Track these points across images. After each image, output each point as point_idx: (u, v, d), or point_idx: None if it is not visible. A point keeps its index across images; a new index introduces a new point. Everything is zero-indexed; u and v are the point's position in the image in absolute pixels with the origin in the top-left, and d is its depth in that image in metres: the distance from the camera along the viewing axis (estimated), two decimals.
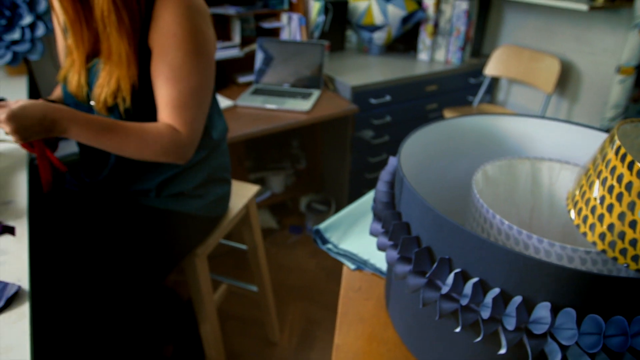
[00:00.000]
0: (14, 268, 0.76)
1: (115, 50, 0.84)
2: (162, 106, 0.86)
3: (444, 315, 0.67)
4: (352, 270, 1.03)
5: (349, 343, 0.84)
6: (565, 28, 1.89)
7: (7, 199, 0.95)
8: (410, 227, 0.75)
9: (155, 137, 0.84)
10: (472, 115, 0.97)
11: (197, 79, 0.86)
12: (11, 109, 0.73)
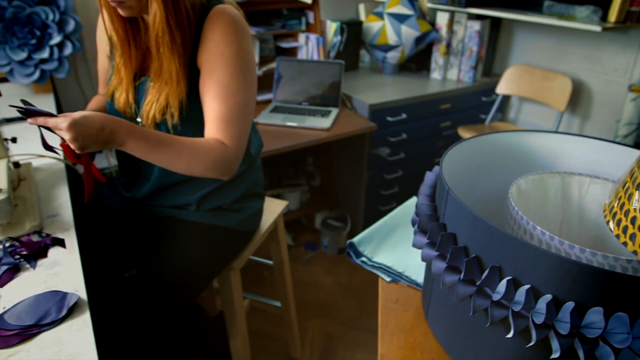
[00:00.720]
0: (69, 278, 0.80)
1: (166, 68, 0.89)
2: (210, 121, 0.91)
3: (495, 322, 0.71)
4: (388, 282, 1.06)
5: (393, 352, 0.87)
6: (575, 48, 1.96)
7: (53, 213, 0.99)
8: (456, 237, 0.78)
9: (206, 151, 0.88)
10: (503, 132, 1.02)
11: (244, 96, 0.91)
12: (73, 118, 0.77)
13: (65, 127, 0.76)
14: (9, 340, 0.67)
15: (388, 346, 0.88)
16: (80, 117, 0.78)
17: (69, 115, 0.78)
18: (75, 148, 0.79)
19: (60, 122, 0.77)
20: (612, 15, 1.62)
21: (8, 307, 0.73)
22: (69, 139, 0.77)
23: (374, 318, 1.86)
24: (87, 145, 0.79)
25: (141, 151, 0.84)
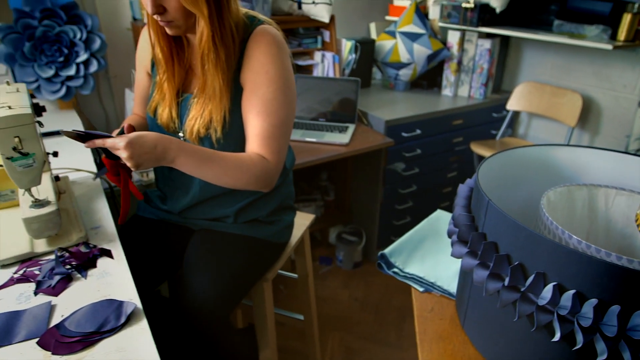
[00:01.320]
0: (121, 287, 0.82)
1: (211, 84, 0.93)
2: (252, 137, 0.95)
3: (541, 327, 0.74)
4: (421, 292, 1.09)
5: (435, 359, 0.89)
6: (584, 65, 2.03)
7: (95, 225, 1.02)
8: (498, 246, 0.81)
9: (250, 166, 0.92)
10: (529, 146, 1.06)
11: (285, 112, 0.96)
12: (129, 137, 0.81)
13: (122, 146, 0.80)
14: (73, 347, 0.69)
15: (428, 353, 0.91)
16: (135, 136, 0.82)
17: (125, 136, 0.82)
18: (130, 166, 0.83)
19: (117, 142, 0.81)
20: (621, 34, 1.69)
21: (66, 315, 0.75)
22: (125, 157, 0.81)
23: (392, 332, 1.87)
24: (141, 163, 0.83)
25: (190, 167, 0.87)
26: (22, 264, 0.88)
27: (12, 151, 0.82)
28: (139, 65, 1.12)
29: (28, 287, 0.82)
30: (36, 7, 1.59)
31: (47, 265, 0.86)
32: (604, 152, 1.03)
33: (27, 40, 1.60)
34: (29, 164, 0.84)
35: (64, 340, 0.70)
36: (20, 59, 1.62)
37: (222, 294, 0.99)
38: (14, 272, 0.86)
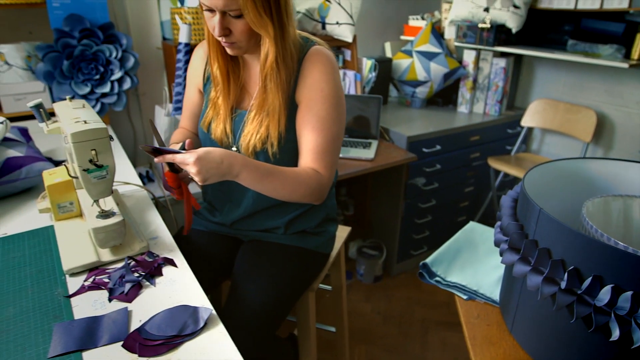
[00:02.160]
0: (190, 294, 0.86)
1: (271, 102, 0.99)
2: (306, 151, 1.00)
3: (598, 328, 0.78)
4: (465, 300, 1.13)
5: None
6: (596, 83, 2.11)
7: (153, 236, 1.06)
8: (551, 252, 0.86)
9: (306, 179, 0.97)
10: (566, 159, 1.12)
11: (337, 128, 1.01)
12: (197, 153, 0.86)
13: (191, 161, 0.85)
14: (158, 349, 0.73)
15: (480, 357, 0.94)
16: (203, 152, 0.86)
17: (194, 152, 0.86)
18: (198, 180, 0.87)
19: (187, 157, 0.85)
20: (635, 53, 1.78)
21: (143, 320, 0.79)
22: (194, 172, 0.85)
23: (416, 344, 1.90)
24: (208, 177, 0.87)
25: (252, 181, 0.92)
26: (90, 273, 0.92)
27: (88, 163, 0.86)
28: (191, 82, 1.18)
29: (100, 294, 0.85)
30: (75, 27, 1.65)
31: (116, 273, 0.90)
32: (636, 165, 1.09)
33: (65, 58, 1.66)
34: (102, 176, 0.88)
35: (148, 344, 0.74)
36: (59, 76, 1.67)
37: (276, 302, 1.03)
38: (84, 280, 0.89)
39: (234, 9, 0.89)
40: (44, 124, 1.05)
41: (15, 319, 0.79)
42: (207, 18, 0.94)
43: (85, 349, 0.72)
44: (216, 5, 0.89)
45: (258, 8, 0.88)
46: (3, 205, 1.18)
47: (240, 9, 0.88)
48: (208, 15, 0.93)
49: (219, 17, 0.91)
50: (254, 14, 0.88)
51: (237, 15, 0.90)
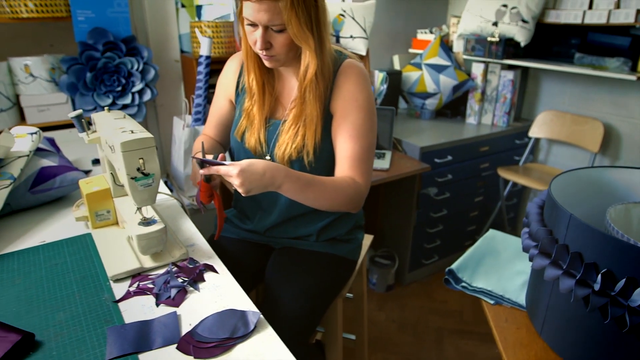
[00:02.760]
0: (235, 298, 0.89)
1: (309, 113, 1.03)
2: (343, 159, 1.04)
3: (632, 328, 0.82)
4: (492, 305, 1.16)
5: None
6: (602, 95, 2.18)
7: (190, 243, 1.09)
8: (582, 256, 0.90)
9: (345, 188, 1.00)
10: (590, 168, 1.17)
11: (372, 137, 1.05)
12: (241, 166, 0.89)
13: (235, 174, 0.88)
14: (212, 351, 0.75)
15: (514, 358, 0.97)
16: (246, 164, 0.89)
17: (237, 164, 0.89)
18: (242, 192, 0.90)
19: (230, 170, 0.88)
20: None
21: (193, 323, 0.81)
22: (237, 184, 0.88)
23: (432, 352, 1.92)
24: (251, 189, 0.90)
25: (294, 192, 0.95)
26: (133, 279, 0.94)
27: (136, 171, 0.89)
28: (222, 92, 1.21)
29: (147, 300, 0.88)
30: (99, 40, 1.69)
31: (160, 279, 0.92)
32: None
33: (89, 70, 1.69)
34: (148, 184, 0.91)
35: (202, 346, 0.76)
36: (82, 88, 1.71)
37: (310, 309, 1.05)
38: (129, 286, 0.92)
39: (277, 24, 0.93)
40: (85, 134, 1.08)
41: (67, 323, 0.81)
42: (249, 32, 0.98)
43: (140, 352, 0.75)
44: (260, 21, 0.93)
45: (301, 23, 0.92)
46: (38, 214, 1.21)
47: (283, 23, 0.93)
48: (250, 29, 0.97)
49: (261, 31, 0.95)
50: (297, 28, 0.92)
51: (279, 30, 0.95)
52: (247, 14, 0.95)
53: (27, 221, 1.18)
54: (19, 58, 1.65)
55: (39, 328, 0.80)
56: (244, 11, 0.96)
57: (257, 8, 0.92)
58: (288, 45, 0.96)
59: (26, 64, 1.65)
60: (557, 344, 0.99)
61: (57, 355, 0.74)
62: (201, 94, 1.77)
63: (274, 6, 0.91)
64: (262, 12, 0.92)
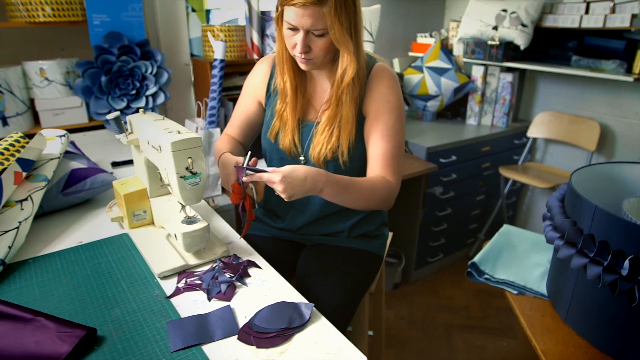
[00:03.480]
0: (283, 291, 0.93)
1: (345, 114, 1.07)
2: (376, 157, 1.08)
3: None
4: (515, 295, 1.22)
5: (551, 348, 1.02)
6: (597, 96, 2.28)
7: (228, 240, 1.12)
8: (609, 244, 0.96)
9: (380, 188, 1.05)
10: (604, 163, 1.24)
11: (402, 136, 1.10)
12: (283, 172, 0.92)
13: (277, 180, 0.91)
14: (274, 341, 0.79)
15: (543, 343, 1.03)
16: (288, 170, 0.92)
17: (279, 171, 0.92)
18: (284, 197, 0.93)
19: (273, 177, 0.92)
20: (636, 68, 1.94)
21: (248, 316, 0.85)
22: (280, 190, 0.92)
23: (443, 346, 1.98)
24: (293, 194, 0.93)
25: (334, 195, 0.99)
26: (179, 275, 0.97)
27: (185, 170, 0.92)
28: (250, 93, 1.24)
29: (198, 295, 0.91)
30: (114, 44, 1.71)
31: (207, 275, 0.95)
32: None
33: (104, 74, 1.71)
34: (196, 183, 0.95)
35: (262, 336, 0.80)
36: (97, 91, 1.72)
37: (344, 303, 1.09)
38: (177, 283, 0.95)
39: (319, 29, 0.97)
40: (123, 135, 1.10)
41: (124, 319, 0.84)
42: (288, 35, 1.02)
43: (203, 343, 0.78)
44: (303, 25, 0.97)
45: (343, 27, 0.96)
46: (69, 215, 1.23)
47: (326, 28, 0.97)
48: (289, 33, 1.01)
49: (302, 35, 0.99)
50: (339, 32, 0.97)
51: (320, 34, 0.99)
52: (289, 18, 0.99)
53: (60, 222, 1.19)
54: (34, 62, 1.66)
55: (97, 324, 0.83)
56: (286, 15, 0.99)
57: (301, 13, 0.96)
58: (327, 48, 1.01)
59: (42, 68, 1.66)
60: (583, 328, 1.05)
61: (122, 349, 0.77)
62: (215, 97, 1.80)
63: (318, 11, 0.95)
64: (305, 17, 0.96)
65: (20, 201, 1.09)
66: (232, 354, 0.76)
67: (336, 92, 1.06)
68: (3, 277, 0.96)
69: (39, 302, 0.89)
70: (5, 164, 1.11)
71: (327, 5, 0.95)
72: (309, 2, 0.94)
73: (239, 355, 0.76)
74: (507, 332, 2.08)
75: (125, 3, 1.71)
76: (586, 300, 1.03)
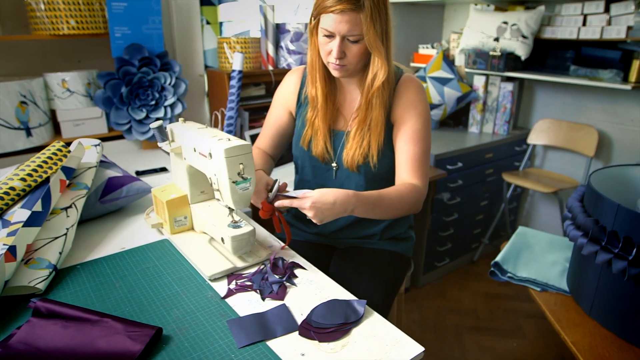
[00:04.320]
0: (333, 289, 0.98)
1: (375, 118, 1.14)
2: (404, 161, 1.15)
3: None
4: (539, 292, 1.29)
5: (580, 340, 1.09)
6: (593, 103, 2.40)
7: (268, 244, 1.16)
8: (632, 240, 1.04)
9: (409, 195, 1.11)
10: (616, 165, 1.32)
11: (429, 141, 1.17)
12: (312, 198, 0.98)
13: (307, 206, 0.97)
14: (334, 335, 0.84)
15: (573, 336, 1.10)
16: (317, 196, 0.98)
17: (309, 196, 0.98)
18: (316, 222, 0.99)
19: (303, 202, 0.98)
20: (632, 77, 2.06)
21: (304, 314, 0.89)
22: (311, 216, 0.98)
23: (455, 347, 2.04)
24: (324, 218, 0.99)
25: (365, 213, 1.05)
26: (228, 278, 1.01)
27: (237, 176, 0.97)
28: (281, 103, 1.30)
29: (251, 295, 0.95)
30: (134, 56, 1.75)
31: (257, 276, 1.00)
32: None
33: (125, 85, 1.75)
34: (246, 187, 0.99)
35: (321, 331, 0.85)
36: (118, 102, 1.75)
37: (380, 302, 1.15)
38: (228, 284, 0.99)
39: (355, 34, 1.04)
40: (166, 143, 1.15)
41: (185, 319, 0.88)
42: (324, 43, 1.08)
43: (267, 339, 0.82)
44: (340, 31, 1.04)
45: (377, 33, 1.04)
46: (106, 223, 1.26)
47: (361, 34, 1.04)
48: (325, 40, 1.08)
49: (338, 41, 1.05)
50: (374, 38, 1.04)
51: (355, 40, 1.06)
52: (326, 25, 1.05)
53: (99, 229, 1.22)
54: (56, 73, 1.69)
55: (159, 324, 0.86)
56: (323, 22, 1.06)
57: (339, 19, 1.03)
58: (360, 54, 1.07)
59: (64, 79, 1.69)
60: (607, 320, 1.12)
61: (189, 346, 0.81)
62: (233, 107, 1.85)
63: (355, 17, 1.02)
64: (343, 22, 1.03)
65: (65, 208, 1.12)
66: (297, 348, 0.80)
67: (366, 96, 1.13)
68: (56, 283, 0.99)
69: (97, 305, 0.92)
70: (49, 172, 1.15)
71: (363, 12, 1.02)
72: (348, 9, 1.02)
73: (304, 349, 0.80)
74: (516, 333, 2.15)
75: (145, 16, 1.75)
76: (610, 294, 1.10)
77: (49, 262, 1.00)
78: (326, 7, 1.04)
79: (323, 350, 0.80)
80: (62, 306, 0.87)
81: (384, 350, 0.81)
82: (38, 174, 1.13)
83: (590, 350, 1.04)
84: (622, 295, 1.07)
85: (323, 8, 1.05)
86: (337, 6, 1.02)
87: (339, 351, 0.80)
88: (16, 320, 0.88)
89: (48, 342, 0.82)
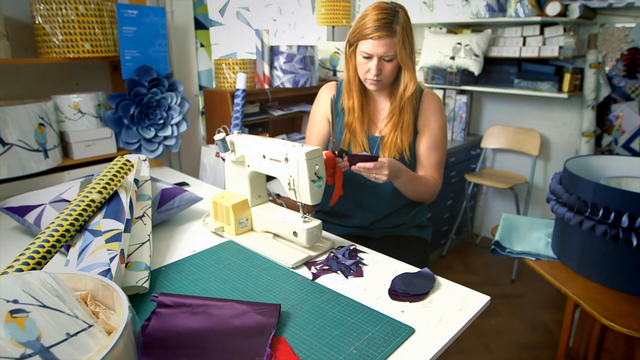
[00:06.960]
0: (399, 267, 1.20)
1: (406, 120, 1.40)
2: (427, 163, 1.43)
3: None
4: (534, 261, 1.61)
5: (577, 290, 1.41)
6: (532, 110, 2.89)
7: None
8: (609, 208, 1.38)
9: (432, 183, 1.40)
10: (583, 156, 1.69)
11: (446, 147, 1.46)
12: (387, 162, 1.23)
13: (386, 166, 1.23)
14: (420, 297, 1.06)
15: (570, 288, 1.42)
16: (387, 160, 1.25)
17: (385, 159, 1.24)
18: (383, 180, 1.24)
19: (383, 162, 1.23)
20: (565, 87, 2.55)
21: (387, 284, 1.11)
22: (385, 174, 1.23)
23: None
24: (390, 178, 1.25)
25: (405, 182, 1.33)
26: (307, 264, 1.20)
27: (314, 175, 1.17)
28: (321, 114, 1.53)
29: (333, 276, 1.15)
30: (143, 77, 1.86)
31: (332, 261, 1.20)
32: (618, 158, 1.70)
33: (135, 106, 1.84)
34: (320, 185, 1.20)
35: (407, 295, 1.07)
36: (129, 122, 1.84)
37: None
38: (309, 270, 1.18)
39: (390, 55, 1.31)
40: (230, 154, 1.31)
41: (290, 298, 1.05)
42: (362, 63, 1.34)
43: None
44: (377, 53, 1.31)
45: (407, 53, 1.32)
46: (162, 231, 1.37)
47: (395, 54, 1.31)
48: (364, 61, 1.34)
49: (376, 61, 1.32)
50: (405, 57, 1.32)
51: (389, 60, 1.33)
52: (365, 49, 1.32)
53: (160, 238, 1.34)
54: (66, 95, 1.75)
55: None
56: (362, 46, 1.32)
57: (377, 44, 1.30)
58: (393, 71, 1.35)
59: (75, 101, 1.75)
60: (594, 274, 1.46)
61: (309, 317, 0.99)
62: (238, 123, 2.01)
63: (389, 41, 1.30)
64: (380, 46, 1.30)
65: (140, 217, 1.23)
66: (396, 308, 1.02)
67: (399, 104, 1.40)
68: (153, 282, 1.11)
69: (206, 295, 1.06)
70: (118, 185, 1.25)
71: (396, 37, 1.30)
72: (384, 35, 1.29)
73: (402, 307, 1.02)
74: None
75: (152, 40, 1.88)
76: (596, 253, 1.44)
77: (145, 264, 1.12)
78: (365, 35, 1.30)
79: (416, 306, 1.03)
80: (183, 297, 1.00)
81: (463, 301, 1.05)
82: (110, 187, 1.24)
83: (587, 296, 1.37)
84: (605, 252, 1.41)
85: (362, 35, 1.30)
86: (375, 33, 1.28)
87: (428, 306, 1.03)
88: (139, 315, 1.00)
89: (184, 326, 0.95)
